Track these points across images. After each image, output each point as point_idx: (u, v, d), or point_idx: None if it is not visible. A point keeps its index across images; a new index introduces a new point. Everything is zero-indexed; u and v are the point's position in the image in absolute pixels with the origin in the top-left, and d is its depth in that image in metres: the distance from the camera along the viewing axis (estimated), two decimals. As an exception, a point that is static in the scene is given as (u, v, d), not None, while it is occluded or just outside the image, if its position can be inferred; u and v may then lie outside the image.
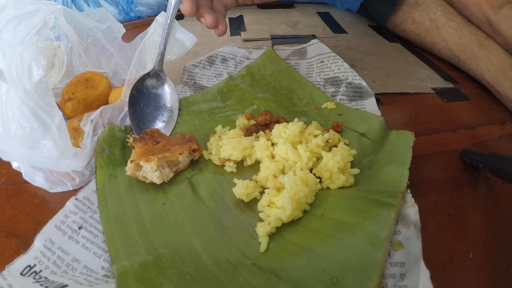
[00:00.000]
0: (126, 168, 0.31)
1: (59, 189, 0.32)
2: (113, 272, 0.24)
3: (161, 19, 0.39)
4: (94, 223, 0.29)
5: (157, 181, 0.30)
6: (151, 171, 0.30)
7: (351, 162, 0.32)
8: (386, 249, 0.22)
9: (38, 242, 0.26)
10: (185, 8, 0.33)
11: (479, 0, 0.47)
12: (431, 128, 0.39)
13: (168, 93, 0.39)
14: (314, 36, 0.58)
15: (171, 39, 0.38)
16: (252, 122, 0.38)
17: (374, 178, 0.29)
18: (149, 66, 0.39)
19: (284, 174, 0.30)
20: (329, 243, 0.24)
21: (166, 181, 0.31)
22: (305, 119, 0.39)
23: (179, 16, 0.70)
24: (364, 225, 0.24)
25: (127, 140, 0.33)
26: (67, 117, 0.39)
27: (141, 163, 0.30)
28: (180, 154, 0.32)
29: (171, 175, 0.32)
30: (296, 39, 0.59)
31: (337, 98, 0.42)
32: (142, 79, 0.38)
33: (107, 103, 0.41)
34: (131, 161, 0.30)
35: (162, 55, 0.38)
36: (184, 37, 0.40)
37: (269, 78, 0.46)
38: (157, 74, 0.39)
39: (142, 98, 0.38)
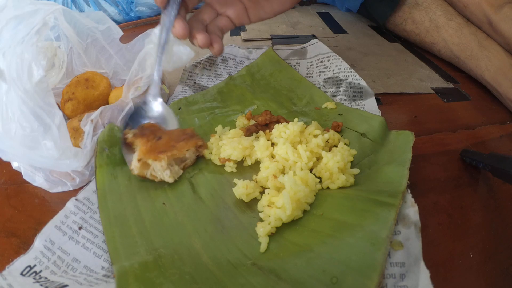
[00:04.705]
0: (132, 167, 0.30)
1: (59, 189, 0.32)
2: (113, 272, 0.24)
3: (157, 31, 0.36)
4: (94, 223, 0.29)
5: (170, 180, 0.30)
6: (161, 170, 0.30)
7: (351, 162, 0.32)
8: (386, 249, 0.22)
9: (38, 242, 0.26)
10: (177, 30, 0.32)
11: (479, 0, 0.47)
12: (431, 128, 0.39)
13: (166, 119, 0.36)
14: (314, 36, 0.58)
15: (168, 53, 0.36)
16: (252, 122, 0.38)
17: (374, 178, 0.29)
18: (148, 71, 0.38)
19: (284, 174, 0.30)
20: (329, 243, 0.24)
21: (177, 179, 0.31)
22: (305, 119, 0.39)
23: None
24: (364, 225, 0.24)
25: (126, 136, 0.32)
26: (67, 117, 0.39)
27: (150, 161, 0.30)
28: (187, 150, 0.32)
29: (181, 172, 0.32)
30: (296, 39, 0.59)
31: (337, 98, 0.42)
32: (137, 108, 0.36)
33: (107, 103, 0.41)
34: (139, 160, 0.30)
35: (156, 85, 0.35)
36: (182, 51, 0.37)
37: (269, 78, 0.46)
38: (152, 102, 0.36)
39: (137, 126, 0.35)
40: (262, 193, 0.30)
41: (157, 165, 0.30)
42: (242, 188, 0.29)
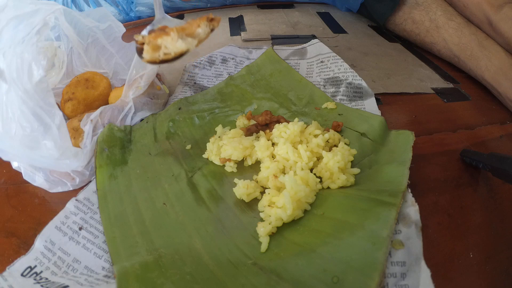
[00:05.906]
0: (143, 54, 0.28)
1: (59, 189, 0.32)
2: (114, 272, 0.24)
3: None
4: (94, 223, 0.29)
5: (183, 47, 0.27)
6: (173, 43, 0.27)
7: (352, 161, 0.32)
8: (387, 248, 0.22)
9: (39, 243, 0.26)
10: None
11: (479, 0, 0.47)
12: (431, 128, 0.39)
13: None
14: (314, 36, 0.58)
15: None
16: (252, 122, 0.38)
17: (374, 178, 0.29)
18: (149, 66, 0.39)
19: (284, 174, 0.30)
20: (330, 243, 0.24)
21: (191, 49, 0.28)
22: (305, 119, 0.39)
23: (180, 16, 0.70)
24: (365, 224, 0.24)
25: (136, 40, 0.29)
26: (67, 117, 0.39)
27: (159, 40, 0.27)
28: (198, 26, 0.29)
29: (195, 42, 0.28)
30: (296, 39, 0.59)
31: (337, 98, 0.42)
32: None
33: (107, 103, 0.41)
34: (148, 44, 0.27)
35: (159, 9, 0.32)
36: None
37: (269, 78, 0.46)
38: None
39: None
40: (262, 193, 0.30)
41: (168, 40, 0.27)
42: (242, 188, 0.29)
